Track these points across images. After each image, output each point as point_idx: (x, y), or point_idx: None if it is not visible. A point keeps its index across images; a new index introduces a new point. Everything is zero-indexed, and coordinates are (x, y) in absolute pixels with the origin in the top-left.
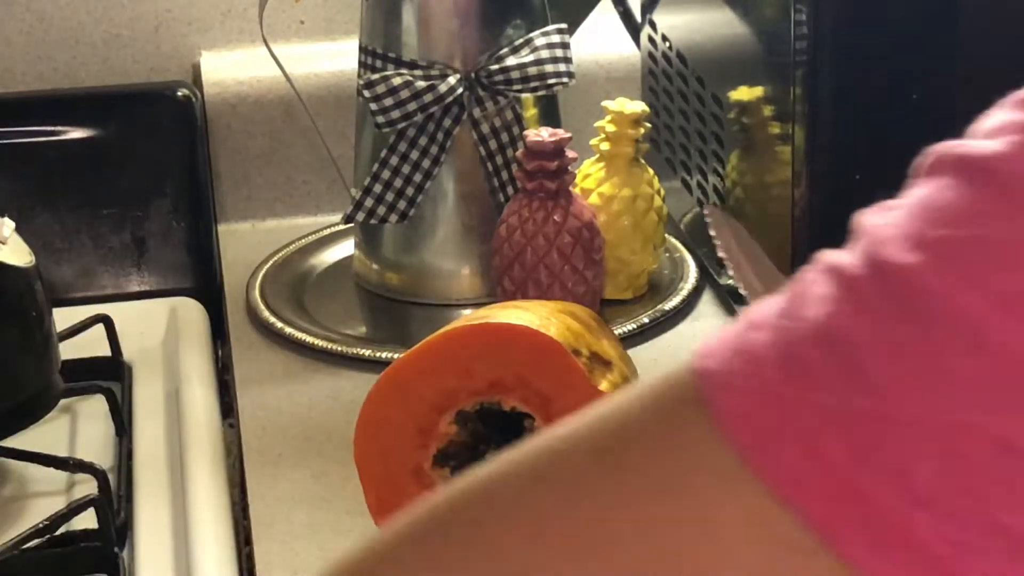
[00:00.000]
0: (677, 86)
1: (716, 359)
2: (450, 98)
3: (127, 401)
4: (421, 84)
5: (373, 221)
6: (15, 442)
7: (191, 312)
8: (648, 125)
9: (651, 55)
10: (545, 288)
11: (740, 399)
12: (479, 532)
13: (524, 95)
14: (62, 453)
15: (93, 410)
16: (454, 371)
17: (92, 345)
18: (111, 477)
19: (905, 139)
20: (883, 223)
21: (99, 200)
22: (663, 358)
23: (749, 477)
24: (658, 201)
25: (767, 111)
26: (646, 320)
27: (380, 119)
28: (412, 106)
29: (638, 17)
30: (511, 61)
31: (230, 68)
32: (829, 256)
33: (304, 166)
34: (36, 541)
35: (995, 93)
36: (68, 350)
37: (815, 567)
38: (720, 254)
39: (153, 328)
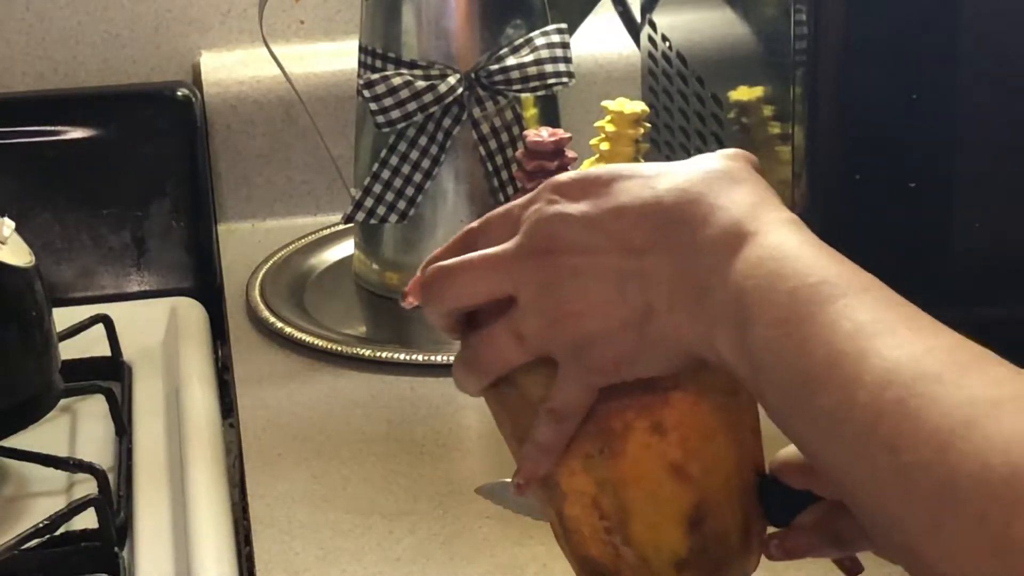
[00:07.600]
0: (677, 86)
1: None
2: (450, 98)
3: (127, 401)
4: (421, 84)
5: (373, 221)
6: (15, 442)
7: (191, 312)
8: (648, 125)
9: (651, 55)
10: None
11: None
12: None
13: (524, 95)
14: (62, 453)
15: (93, 410)
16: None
17: (92, 345)
18: (111, 477)
19: (905, 139)
20: None
21: (99, 200)
22: None
23: None
24: None
25: (767, 111)
26: None
27: (380, 119)
28: (412, 106)
29: (638, 17)
30: (511, 61)
31: (230, 68)
32: None
33: (304, 166)
34: (36, 541)
35: (995, 93)
36: (68, 350)
37: None
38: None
39: (153, 328)
